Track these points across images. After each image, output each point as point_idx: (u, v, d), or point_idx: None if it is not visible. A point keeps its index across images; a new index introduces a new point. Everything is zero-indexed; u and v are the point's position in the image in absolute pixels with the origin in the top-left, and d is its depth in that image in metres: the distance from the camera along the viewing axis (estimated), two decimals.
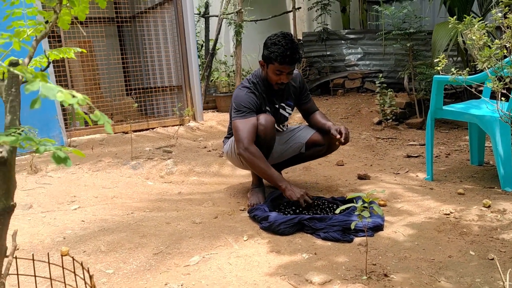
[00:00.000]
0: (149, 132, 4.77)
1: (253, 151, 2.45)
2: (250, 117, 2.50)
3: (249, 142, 2.46)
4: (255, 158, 2.45)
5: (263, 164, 2.46)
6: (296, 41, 2.51)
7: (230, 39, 7.44)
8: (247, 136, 2.46)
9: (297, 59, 2.46)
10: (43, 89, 0.50)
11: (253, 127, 2.49)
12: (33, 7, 0.80)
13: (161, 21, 5.38)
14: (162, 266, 1.90)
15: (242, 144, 2.46)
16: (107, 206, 2.71)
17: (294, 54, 2.43)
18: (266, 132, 2.48)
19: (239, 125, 2.50)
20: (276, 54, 2.43)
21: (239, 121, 2.51)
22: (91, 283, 0.88)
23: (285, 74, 2.49)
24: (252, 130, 2.48)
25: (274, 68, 2.48)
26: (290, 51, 2.41)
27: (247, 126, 2.48)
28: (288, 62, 2.43)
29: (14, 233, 1.08)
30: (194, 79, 5.11)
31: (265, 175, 2.50)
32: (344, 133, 2.51)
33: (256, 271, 1.81)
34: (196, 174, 3.41)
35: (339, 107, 5.96)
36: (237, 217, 2.47)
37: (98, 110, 0.57)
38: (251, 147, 2.45)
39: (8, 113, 0.63)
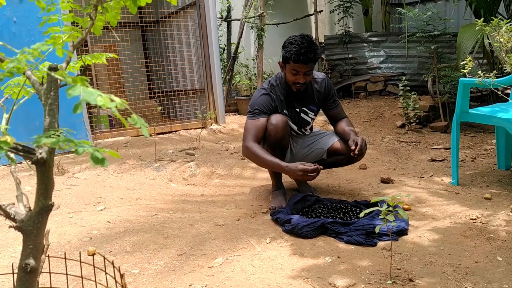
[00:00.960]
0: (172, 135, 4.83)
1: (251, 146, 2.45)
2: (259, 118, 2.52)
3: (251, 139, 2.47)
4: (254, 152, 2.44)
5: (261, 155, 2.42)
6: (314, 42, 2.47)
7: (251, 43, 7.48)
8: (250, 134, 2.49)
9: (312, 58, 2.42)
10: (84, 94, 0.52)
11: (259, 128, 2.50)
12: (68, 14, 0.83)
13: (184, 25, 5.44)
14: (186, 267, 1.92)
15: (244, 143, 2.49)
16: (132, 207, 2.75)
17: (309, 53, 2.40)
18: (276, 131, 2.47)
19: (248, 125, 2.54)
20: (291, 53, 2.43)
21: (249, 121, 2.55)
22: (122, 282, 0.90)
23: (302, 74, 2.48)
24: (258, 130, 2.49)
25: (290, 67, 2.48)
26: (305, 49, 2.40)
27: (254, 126, 2.51)
28: (303, 60, 2.42)
29: (47, 232, 1.12)
30: (216, 83, 5.15)
31: (265, 163, 2.45)
32: (359, 145, 2.42)
33: (279, 274, 1.81)
34: (219, 176, 3.44)
35: (361, 110, 5.91)
36: (259, 220, 2.48)
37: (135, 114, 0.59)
38: (250, 143, 2.46)
39: (48, 115, 0.66)
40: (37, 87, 0.67)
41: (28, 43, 3.83)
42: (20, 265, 0.67)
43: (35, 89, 0.67)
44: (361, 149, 2.43)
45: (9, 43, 0.76)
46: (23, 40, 3.84)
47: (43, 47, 0.64)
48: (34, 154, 0.64)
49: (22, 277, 0.67)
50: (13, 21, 3.85)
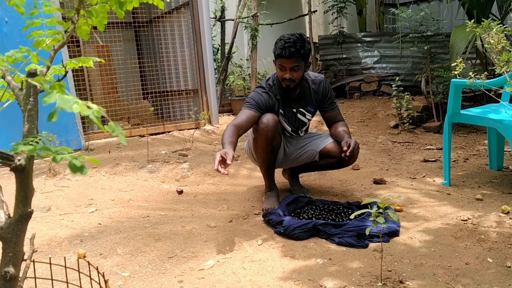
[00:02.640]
0: (165, 136, 4.81)
1: (228, 126, 2.38)
2: (251, 110, 2.49)
3: (234, 123, 2.41)
4: (224, 131, 2.35)
5: (224, 135, 2.31)
6: (303, 38, 2.45)
7: (245, 43, 7.47)
8: (237, 119, 2.45)
9: (294, 52, 2.40)
10: (59, 101, 0.51)
11: (247, 117, 2.45)
12: (52, 18, 0.82)
13: (177, 26, 5.43)
14: (176, 269, 1.92)
15: None
16: (124, 209, 2.74)
17: (292, 47, 2.39)
18: (267, 130, 2.45)
19: (239, 113, 2.51)
20: (276, 47, 2.46)
21: (243, 110, 2.52)
22: (106, 287, 0.90)
23: (287, 70, 2.48)
24: (244, 119, 2.45)
25: (277, 63, 2.51)
26: (289, 44, 2.40)
27: (243, 114, 2.48)
28: (285, 55, 2.41)
29: (32, 237, 1.10)
30: (210, 83, 5.14)
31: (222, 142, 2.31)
32: (351, 147, 2.40)
33: (270, 276, 1.81)
34: (212, 177, 3.43)
35: (355, 110, 5.92)
36: (251, 221, 2.47)
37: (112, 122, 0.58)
38: (229, 125, 2.39)
39: (26, 122, 0.65)
40: (16, 93, 0.66)
41: (19, 43, 3.77)
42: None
43: (14, 94, 0.66)
44: (353, 151, 2.41)
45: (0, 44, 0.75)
46: (14, 40, 3.80)
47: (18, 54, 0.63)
48: (13, 161, 0.63)
49: (2, 285, 0.66)
50: (4, 22, 3.82)
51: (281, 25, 7.28)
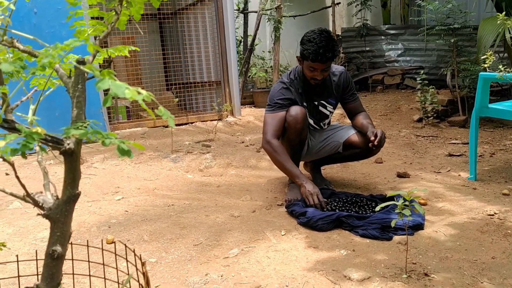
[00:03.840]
0: (188, 126, 4.86)
1: (274, 144, 2.48)
2: (279, 112, 2.53)
3: (272, 135, 2.49)
4: (275, 151, 2.48)
5: (282, 158, 2.47)
6: (333, 38, 2.46)
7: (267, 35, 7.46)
8: (271, 130, 2.50)
9: (330, 57, 2.42)
10: (113, 87, 0.54)
11: (278, 122, 2.52)
12: (94, 8, 0.85)
13: (201, 17, 5.46)
14: (202, 257, 1.95)
15: (265, 137, 2.51)
16: (149, 198, 2.79)
17: (327, 52, 2.40)
18: (296, 122, 2.47)
19: (267, 119, 2.56)
20: (309, 51, 2.42)
21: (268, 115, 2.56)
22: (143, 269, 0.93)
23: (319, 71, 2.48)
24: (278, 125, 2.51)
25: (308, 64, 2.48)
26: (323, 49, 2.39)
27: (274, 120, 2.52)
28: (320, 60, 2.42)
29: None
30: (232, 75, 5.16)
31: (283, 168, 2.51)
32: (378, 136, 2.43)
33: (294, 266, 1.83)
34: (234, 168, 3.46)
35: (378, 103, 5.87)
36: (274, 212, 2.49)
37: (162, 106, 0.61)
38: (272, 141, 2.48)
39: (75, 107, 0.68)
40: (65, 80, 0.69)
41: (48, 34, 3.88)
42: (47, 252, 0.70)
43: (63, 82, 0.70)
44: (380, 140, 2.43)
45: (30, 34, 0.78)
46: (43, 31, 3.89)
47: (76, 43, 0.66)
48: (62, 144, 0.66)
49: (49, 263, 0.70)
50: (33, 12, 3.91)
51: (304, 17, 7.24)
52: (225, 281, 1.73)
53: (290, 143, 2.54)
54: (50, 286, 0.68)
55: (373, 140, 2.42)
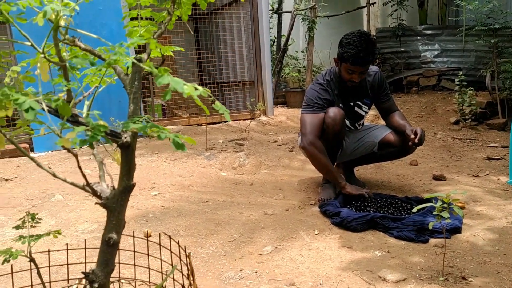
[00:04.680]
0: (222, 125, 4.92)
1: (316, 145, 2.48)
2: (318, 113, 2.53)
3: (313, 136, 2.49)
4: (317, 152, 2.48)
5: (323, 160, 2.49)
6: (373, 41, 2.44)
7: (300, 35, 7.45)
8: (311, 131, 2.50)
9: (370, 61, 2.42)
10: (172, 83, 0.57)
11: (319, 123, 2.52)
12: (147, 9, 0.89)
13: (236, 17, 5.51)
14: (236, 253, 1.99)
15: (306, 138, 2.51)
16: (184, 194, 2.85)
17: (367, 56, 2.39)
18: (334, 124, 2.48)
19: (306, 119, 2.56)
20: (349, 54, 2.40)
21: (307, 115, 2.56)
22: (189, 260, 0.97)
23: (357, 74, 2.47)
24: (317, 125, 2.51)
25: (346, 67, 2.47)
26: (363, 52, 2.38)
27: (313, 121, 2.52)
28: (360, 63, 2.41)
29: None
30: (266, 75, 5.20)
31: (325, 170, 2.53)
32: (419, 134, 2.41)
33: (328, 265, 1.84)
34: (267, 167, 3.49)
35: (413, 105, 5.77)
36: (307, 211, 2.50)
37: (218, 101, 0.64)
38: (314, 141, 2.49)
39: (132, 103, 0.72)
40: (122, 77, 0.74)
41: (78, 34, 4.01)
42: (103, 239, 0.74)
43: (120, 79, 0.74)
44: (420, 138, 2.41)
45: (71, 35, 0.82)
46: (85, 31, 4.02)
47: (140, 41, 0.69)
48: (120, 138, 0.70)
49: (105, 249, 0.74)
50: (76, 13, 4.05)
51: (337, 17, 7.20)
52: (259, 277, 1.75)
53: (327, 144, 2.54)
54: (105, 272, 0.72)
55: (413, 138, 2.40)
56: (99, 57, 0.75)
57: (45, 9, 0.60)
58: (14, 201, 2.74)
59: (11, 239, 2.23)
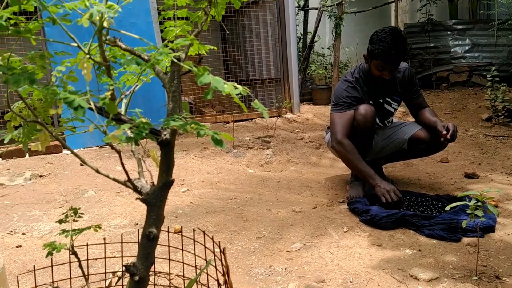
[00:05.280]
0: (248, 123, 4.95)
1: (346, 144, 2.46)
2: (347, 111, 2.51)
3: (343, 135, 2.48)
4: (347, 151, 2.46)
5: (354, 158, 2.46)
6: (404, 38, 2.40)
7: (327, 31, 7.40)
8: (341, 130, 2.49)
9: (401, 58, 2.38)
10: (213, 82, 0.59)
11: (348, 121, 2.50)
12: (183, 10, 0.91)
13: (262, 15, 5.52)
14: (265, 249, 2.00)
15: (336, 137, 2.50)
16: (212, 190, 2.89)
17: (399, 53, 2.35)
18: (366, 120, 2.45)
19: (335, 118, 2.54)
20: (380, 51, 2.37)
21: (336, 114, 2.55)
22: (224, 256, 0.98)
23: (388, 71, 2.44)
24: (347, 124, 2.50)
25: (377, 64, 2.44)
26: (395, 49, 2.34)
27: (343, 119, 2.51)
28: (392, 61, 2.38)
29: None
30: (292, 72, 5.19)
31: (356, 169, 2.50)
32: (451, 130, 2.37)
33: (358, 262, 1.83)
34: (294, 164, 3.49)
35: (443, 101, 5.66)
36: (336, 209, 2.50)
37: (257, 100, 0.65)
38: (344, 140, 2.47)
39: (171, 101, 0.74)
40: (161, 76, 0.76)
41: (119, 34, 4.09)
42: (143, 233, 0.77)
43: (159, 78, 0.76)
44: (453, 134, 2.37)
45: None
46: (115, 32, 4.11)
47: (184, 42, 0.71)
48: (160, 135, 0.72)
49: (145, 243, 0.76)
50: None
51: (365, 13, 7.11)
52: (288, 274, 1.76)
53: (357, 142, 2.52)
54: (145, 265, 0.75)
55: (445, 134, 2.36)
56: (138, 57, 0.78)
57: (91, 11, 0.62)
58: (48, 196, 2.83)
59: (47, 233, 2.31)
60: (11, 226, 2.36)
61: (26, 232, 2.30)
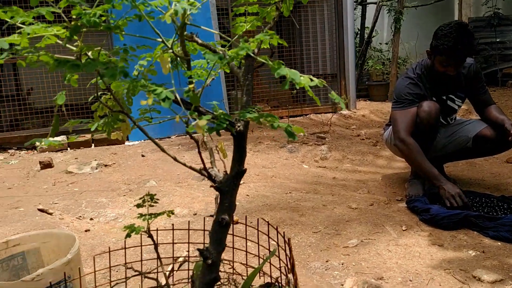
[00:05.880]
0: (303, 118, 4.95)
1: (409, 142, 2.40)
2: (409, 108, 2.45)
3: (406, 133, 2.42)
4: (411, 150, 2.40)
5: (418, 157, 2.39)
6: (471, 33, 2.29)
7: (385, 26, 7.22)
8: (404, 127, 2.43)
9: (467, 54, 2.29)
10: (290, 74, 0.61)
11: (411, 119, 2.44)
12: (254, 6, 0.94)
13: (319, 10, 5.48)
14: (321, 244, 2.01)
15: (398, 135, 2.44)
16: (267, 184, 2.93)
17: (465, 49, 2.26)
18: (430, 117, 2.38)
19: (397, 115, 2.49)
20: (445, 47, 2.28)
21: (397, 111, 2.49)
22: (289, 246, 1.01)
23: (453, 67, 2.36)
24: (410, 121, 2.43)
25: (441, 60, 2.36)
26: (461, 45, 2.25)
27: (405, 117, 2.45)
28: (458, 57, 2.29)
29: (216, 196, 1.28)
30: (349, 68, 5.12)
31: (420, 168, 2.42)
32: None
33: (417, 262, 1.80)
34: (350, 161, 3.46)
35: (509, 99, 5.37)
36: (393, 207, 2.46)
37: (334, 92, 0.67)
38: (407, 139, 2.41)
39: (245, 95, 0.77)
40: (235, 70, 0.79)
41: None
42: (216, 220, 0.81)
43: (233, 72, 0.79)
44: None
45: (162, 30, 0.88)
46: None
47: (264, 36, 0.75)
48: (234, 127, 0.76)
49: (218, 229, 0.80)
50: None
51: (425, 7, 6.86)
52: (346, 269, 1.76)
53: (421, 140, 2.45)
54: (217, 250, 0.79)
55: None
56: (213, 52, 0.81)
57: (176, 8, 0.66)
58: (113, 185, 2.99)
59: (112, 219, 2.44)
60: (80, 212, 2.52)
61: (94, 217, 2.44)
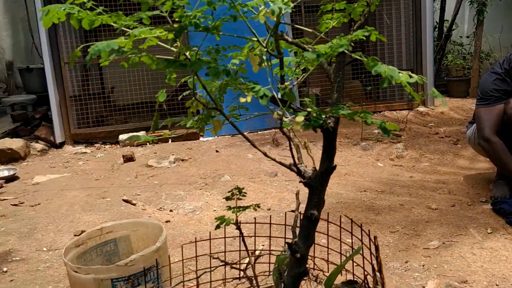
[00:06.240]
0: (376, 115, 4.82)
1: (495, 141, 2.28)
2: (495, 105, 2.32)
3: (491, 132, 2.30)
4: (496, 149, 2.29)
5: (505, 157, 2.27)
6: None
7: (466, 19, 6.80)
8: (489, 126, 2.31)
9: None
10: (388, 71, 0.61)
11: (497, 116, 2.30)
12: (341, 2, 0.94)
13: (395, 3, 5.30)
14: (400, 244, 1.96)
15: (483, 133, 2.33)
16: (341, 182, 2.90)
17: None
18: None
19: (481, 113, 2.38)
20: None
21: (482, 109, 2.38)
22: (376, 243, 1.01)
23: None
24: (495, 119, 2.31)
25: None
26: None
27: (490, 114, 2.32)
28: None
29: (297, 192, 1.30)
30: (427, 63, 4.91)
31: (506, 168, 2.30)
32: None
33: (505, 266, 1.71)
34: (428, 160, 3.33)
35: None
36: (477, 208, 2.33)
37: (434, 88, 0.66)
38: (492, 137, 2.29)
39: (336, 91, 0.78)
40: (325, 67, 0.80)
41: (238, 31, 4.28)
42: (305, 215, 0.82)
43: (323, 69, 0.80)
44: None
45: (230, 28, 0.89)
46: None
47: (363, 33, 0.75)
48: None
49: (306, 224, 0.82)
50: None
51: None
52: (427, 271, 1.71)
53: (506, 138, 2.32)
54: (306, 244, 0.80)
55: None
56: (303, 49, 0.83)
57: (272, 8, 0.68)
58: (190, 179, 3.11)
59: (190, 212, 2.55)
60: (160, 203, 2.66)
61: (173, 209, 2.57)
